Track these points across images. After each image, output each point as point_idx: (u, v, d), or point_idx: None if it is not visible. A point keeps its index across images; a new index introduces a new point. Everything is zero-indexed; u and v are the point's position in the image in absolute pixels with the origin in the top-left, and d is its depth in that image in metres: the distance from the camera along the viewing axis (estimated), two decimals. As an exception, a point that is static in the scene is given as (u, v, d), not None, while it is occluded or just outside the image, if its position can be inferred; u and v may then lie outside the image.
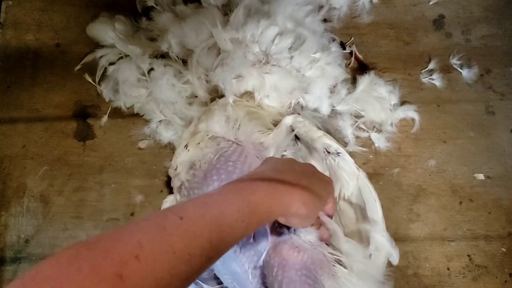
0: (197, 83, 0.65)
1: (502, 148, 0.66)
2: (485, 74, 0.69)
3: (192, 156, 0.61)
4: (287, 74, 0.63)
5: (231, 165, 0.58)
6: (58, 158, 0.66)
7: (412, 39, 0.71)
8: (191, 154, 0.61)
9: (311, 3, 0.68)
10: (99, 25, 0.69)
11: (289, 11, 0.65)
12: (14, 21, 0.73)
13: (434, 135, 0.66)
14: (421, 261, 0.61)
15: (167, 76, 0.64)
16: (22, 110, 0.68)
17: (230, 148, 0.60)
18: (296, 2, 0.66)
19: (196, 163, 0.60)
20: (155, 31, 0.68)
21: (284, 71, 0.63)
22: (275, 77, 0.62)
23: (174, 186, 0.62)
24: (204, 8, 0.67)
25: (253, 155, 0.60)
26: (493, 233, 0.62)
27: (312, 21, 0.67)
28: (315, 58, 0.64)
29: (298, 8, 0.66)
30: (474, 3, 0.73)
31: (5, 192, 0.64)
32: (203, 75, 0.64)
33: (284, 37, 0.63)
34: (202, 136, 0.61)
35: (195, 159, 0.60)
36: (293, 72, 0.63)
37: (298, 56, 0.63)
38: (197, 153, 0.61)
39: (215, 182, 0.56)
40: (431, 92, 0.68)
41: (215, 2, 0.67)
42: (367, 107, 0.64)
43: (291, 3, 0.66)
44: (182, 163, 0.61)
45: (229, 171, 0.57)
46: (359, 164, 0.64)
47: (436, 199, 0.63)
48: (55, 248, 0.61)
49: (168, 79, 0.64)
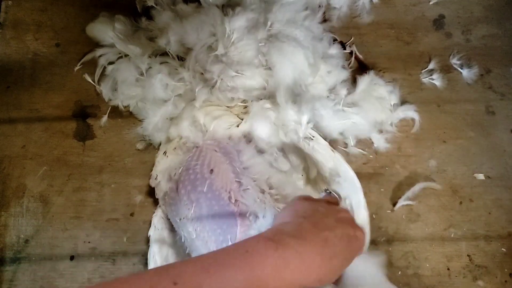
0: (192, 81, 0.64)
1: (502, 148, 0.66)
2: (485, 74, 0.69)
3: (171, 163, 0.61)
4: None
5: (192, 172, 0.58)
6: (58, 158, 0.66)
7: (412, 39, 0.71)
8: (169, 161, 0.61)
9: (309, 6, 0.68)
10: (99, 25, 0.69)
11: (287, 17, 0.65)
12: (14, 21, 0.73)
13: (434, 135, 0.66)
14: (421, 261, 0.60)
15: (161, 73, 0.64)
16: (22, 110, 0.68)
17: (191, 155, 0.60)
18: (295, 8, 0.66)
19: (171, 172, 0.60)
20: (155, 31, 0.68)
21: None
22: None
23: (158, 197, 0.61)
24: (205, 8, 0.67)
25: (211, 149, 0.60)
26: (493, 233, 0.62)
27: (310, 25, 0.67)
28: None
29: (296, 13, 0.66)
30: (474, 3, 0.73)
31: (5, 192, 0.64)
32: (198, 74, 0.64)
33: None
34: (177, 141, 0.61)
35: (173, 166, 0.60)
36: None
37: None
38: (175, 159, 0.61)
39: (184, 197, 0.56)
40: (431, 92, 0.68)
41: (214, 2, 0.67)
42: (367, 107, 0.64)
43: (290, 10, 0.66)
44: (161, 172, 0.61)
45: (191, 180, 0.57)
46: (359, 164, 0.65)
47: (436, 199, 0.63)
48: (55, 248, 0.61)
49: (162, 77, 0.63)
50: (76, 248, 0.61)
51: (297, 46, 0.62)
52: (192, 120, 0.62)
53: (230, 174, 0.57)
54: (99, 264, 0.60)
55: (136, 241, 0.61)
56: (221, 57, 0.63)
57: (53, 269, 0.60)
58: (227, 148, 0.60)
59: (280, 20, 0.65)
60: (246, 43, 0.62)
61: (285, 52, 0.62)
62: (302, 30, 0.65)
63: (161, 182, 0.61)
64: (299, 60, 0.62)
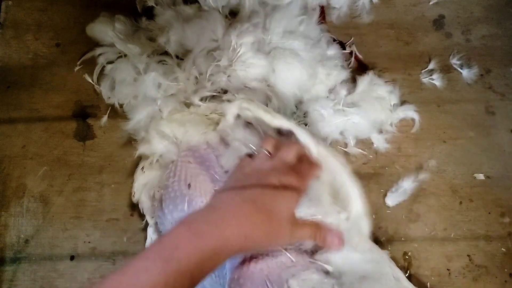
0: (185, 82, 0.63)
1: (502, 148, 0.66)
2: (485, 74, 0.69)
3: (149, 179, 0.60)
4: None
5: (171, 190, 0.56)
6: (58, 158, 0.66)
7: (412, 39, 0.71)
8: (147, 176, 0.60)
9: (305, 8, 0.68)
10: (99, 25, 0.69)
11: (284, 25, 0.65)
12: (14, 21, 0.73)
13: (434, 135, 0.66)
14: (421, 261, 0.61)
15: (154, 72, 0.63)
16: (22, 110, 0.68)
17: (168, 172, 0.58)
18: (290, 14, 0.65)
19: (151, 191, 0.59)
20: (155, 31, 0.68)
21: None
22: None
23: (143, 212, 0.61)
24: (205, 11, 0.67)
25: (185, 162, 0.57)
26: (493, 233, 0.62)
27: (307, 29, 0.66)
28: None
29: (291, 19, 0.65)
30: (474, 3, 0.73)
31: (5, 192, 0.64)
32: (193, 77, 0.63)
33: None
34: (152, 157, 0.60)
35: (152, 183, 0.59)
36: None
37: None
38: (152, 175, 0.60)
39: (168, 216, 0.55)
40: (431, 92, 0.68)
41: (214, 4, 0.67)
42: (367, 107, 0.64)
43: (286, 16, 0.65)
44: (140, 188, 0.60)
45: (172, 198, 0.55)
46: (359, 164, 0.65)
47: (436, 199, 0.63)
48: (55, 248, 0.61)
49: (155, 76, 0.63)
50: (76, 248, 0.61)
51: (294, 60, 0.61)
52: (161, 134, 0.59)
53: (209, 184, 0.55)
54: (99, 264, 0.60)
55: (136, 241, 0.61)
56: (223, 69, 0.62)
57: (53, 269, 0.60)
58: (204, 156, 0.58)
59: (277, 33, 0.64)
60: (253, 59, 0.61)
61: (284, 68, 0.61)
62: (299, 39, 0.64)
63: (142, 198, 0.60)
64: (299, 75, 0.62)
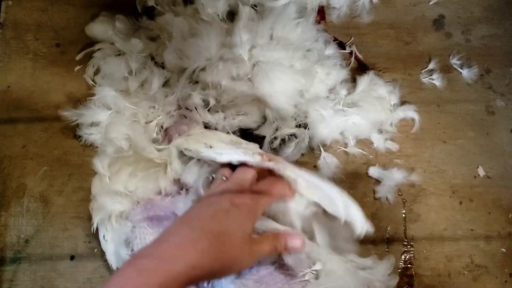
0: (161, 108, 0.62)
1: (502, 148, 0.66)
2: (485, 74, 0.69)
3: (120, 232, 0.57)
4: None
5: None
6: (58, 158, 0.66)
7: (412, 39, 0.71)
8: (112, 235, 0.57)
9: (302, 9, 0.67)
10: (99, 24, 0.69)
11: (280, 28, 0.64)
12: (14, 21, 0.73)
13: (434, 135, 0.66)
14: (421, 261, 0.61)
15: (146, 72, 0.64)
16: (22, 110, 0.68)
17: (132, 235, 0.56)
18: (288, 17, 0.65)
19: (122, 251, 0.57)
20: (155, 31, 0.68)
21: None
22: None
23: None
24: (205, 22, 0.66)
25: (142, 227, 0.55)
26: (493, 233, 0.62)
27: (304, 31, 0.66)
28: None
29: (288, 22, 0.65)
30: (474, 3, 0.73)
31: (5, 192, 0.64)
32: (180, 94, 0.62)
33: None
34: (111, 219, 0.57)
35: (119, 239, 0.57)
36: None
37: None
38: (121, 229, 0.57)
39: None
40: (431, 92, 0.68)
41: (212, 10, 0.67)
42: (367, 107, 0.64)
43: (283, 19, 0.65)
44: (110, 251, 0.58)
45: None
46: (359, 164, 0.65)
47: (436, 199, 0.63)
48: (55, 248, 0.61)
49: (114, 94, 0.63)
50: (76, 248, 0.61)
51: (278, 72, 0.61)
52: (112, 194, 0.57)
53: None
54: (99, 264, 0.60)
55: (136, 241, 0.61)
56: (214, 108, 0.63)
57: (53, 269, 0.60)
58: (160, 214, 0.56)
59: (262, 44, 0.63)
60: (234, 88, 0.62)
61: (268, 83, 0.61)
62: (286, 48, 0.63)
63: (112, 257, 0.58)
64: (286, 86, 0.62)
